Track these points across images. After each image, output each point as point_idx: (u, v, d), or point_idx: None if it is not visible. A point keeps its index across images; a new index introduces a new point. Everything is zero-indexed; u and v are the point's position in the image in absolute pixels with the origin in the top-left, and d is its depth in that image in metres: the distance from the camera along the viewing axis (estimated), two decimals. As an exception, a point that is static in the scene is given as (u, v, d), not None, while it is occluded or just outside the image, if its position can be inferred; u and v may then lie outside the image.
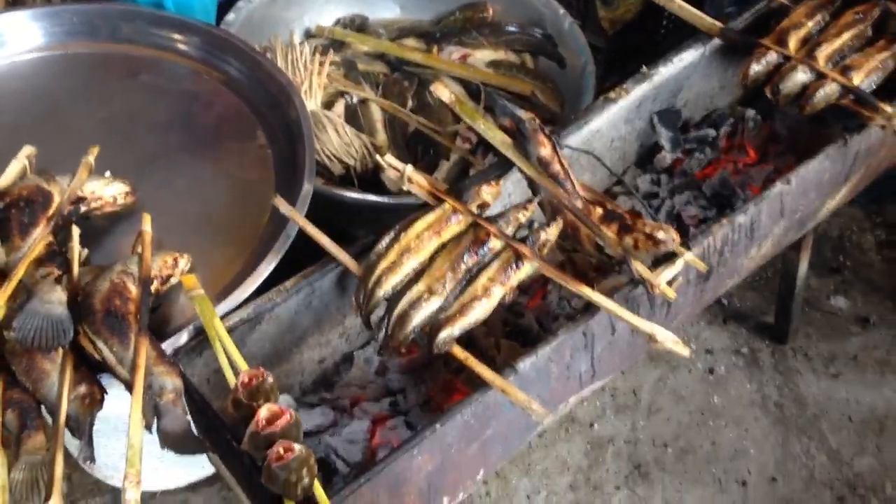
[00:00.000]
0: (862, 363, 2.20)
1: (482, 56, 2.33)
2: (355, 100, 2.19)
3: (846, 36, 1.68)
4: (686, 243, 1.44)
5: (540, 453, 2.05)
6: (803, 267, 2.04)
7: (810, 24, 1.72)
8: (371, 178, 2.05)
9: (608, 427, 2.09)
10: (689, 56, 1.77)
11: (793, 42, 1.70)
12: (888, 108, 1.56)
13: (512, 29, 2.33)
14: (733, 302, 2.31)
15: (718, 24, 1.78)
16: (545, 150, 1.49)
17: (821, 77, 1.63)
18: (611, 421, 2.10)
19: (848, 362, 2.20)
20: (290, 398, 1.55)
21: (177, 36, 1.79)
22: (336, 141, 2.06)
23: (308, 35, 2.37)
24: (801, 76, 1.64)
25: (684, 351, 1.31)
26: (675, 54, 1.76)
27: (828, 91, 1.61)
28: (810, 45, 1.69)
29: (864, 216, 2.47)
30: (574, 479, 2.02)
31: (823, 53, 1.65)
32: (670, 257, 1.40)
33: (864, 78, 1.63)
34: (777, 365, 2.20)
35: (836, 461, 2.03)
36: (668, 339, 1.31)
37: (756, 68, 1.68)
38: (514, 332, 1.67)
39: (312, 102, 2.08)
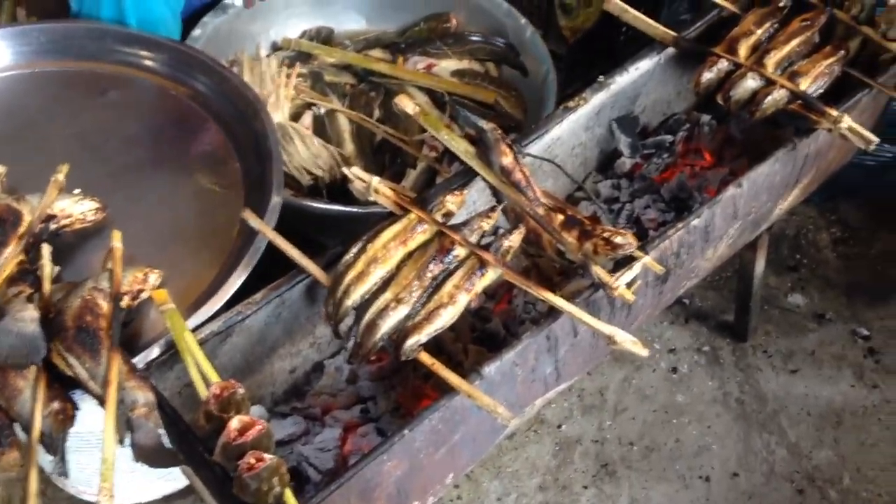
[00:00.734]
0: (819, 358, 2.27)
1: (447, 65, 2.38)
2: (323, 111, 2.22)
3: (794, 43, 1.74)
4: (644, 247, 1.49)
5: (510, 455, 2.10)
6: (760, 266, 2.10)
7: (759, 31, 1.78)
8: (340, 188, 2.08)
9: (576, 427, 2.14)
10: (644, 65, 1.83)
11: (743, 50, 1.76)
12: (834, 112, 1.63)
13: (475, 39, 2.38)
14: (695, 302, 2.37)
15: (672, 33, 1.83)
16: (507, 159, 1.53)
17: (770, 83, 1.69)
18: (578, 421, 2.15)
19: (806, 358, 2.27)
20: (262, 409, 1.57)
21: (143, 53, 1.81)
22: (304, 152, 2.09)
23: (275, 48, 2.40)
24: (750, 83, 1.70)
25: (643, 351, 1.36)
26: (630, 63, 1.81)
27: (776, 97, 1.68)
28: (760, 52, 1.75)
29: (819, 215, 2.55)
30: (543, 479, 2.06)
31: (772, 60, 1.72)
32: (629, 261, 1.45)
33: (811, 83, 1.69)
34: (738, 362, 2.26)
35: (796, 454, 2.10)
36: (626, 340, 1.35)
37: (708, 76, 1.74)
38: (482, 337, 1.71)
39: (280, 115, 2.12)
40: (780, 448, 2.11)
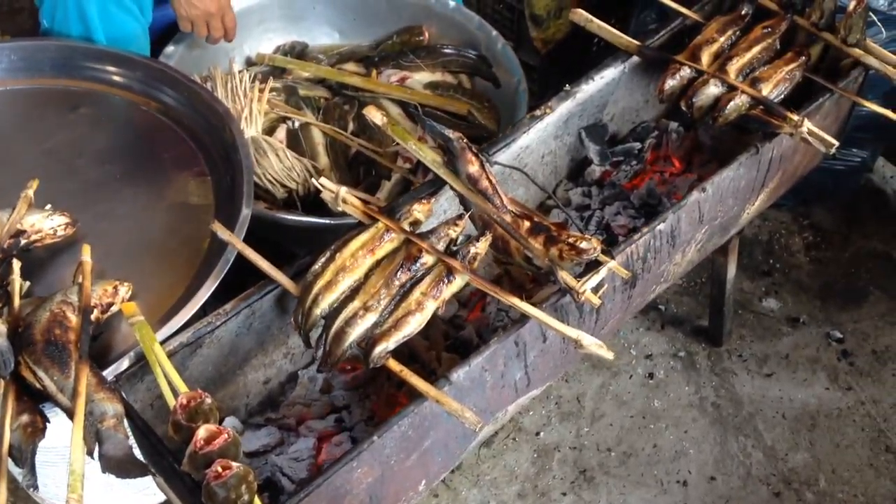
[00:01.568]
0: (794, 362, 2.29)
1: (420, 78, 2.41)
2: (297, 125, 2.24)
3: (755, 49, 1.78)
4: (610, 251, 1.51)
5: (488, 463, 2.10)
6: (731, 270, 2.13)
7: (722, 39, 1.81)
8: (314, 200, 2.09)
9: (554, 434, 2.15)
10: (609, 73, 1.85)
11: (705, 57, 1.79)
12: (794, 117, 1.65)
13: (448, 51, 2.41)
14: (670, 307, 2.39)
15: (636, 42, 1.86)
16: (473, 168, 1.55)
17: (732, 89, 1.72)
18: (556, 428, 2.16)
19: (780, 361, 2.29)
20: (235, 420, 1.58)
21: (114, 69, 1.83)
22: (277, 166, 2.11)
23: (249, 63, 2.42)
24: (713, 89, 1.73)
25: (608, 354, 1.38)
26: (596, 72, 1.84)
27: (738, 102, 1.70)
28: (722, 59, 1.78)
29: (791, 219, 2.58)
30: (522, 487, 2.07)
31: (734, 67, 1.75)
32: (596, 265, 1.47)
33: (772, 89, 1.72)
34: (713, 367, 2.28)
35: (772, 458, 2.12)
36: (592, 344, 1.37)
37: (671, 83, 1.76)
38: (456, 345, 1.72)
39: (253, 129, 2.13)
40: (756, 451, 2.13)
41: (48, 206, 1.56)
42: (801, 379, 2.25)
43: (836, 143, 1.64)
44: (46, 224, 1.52)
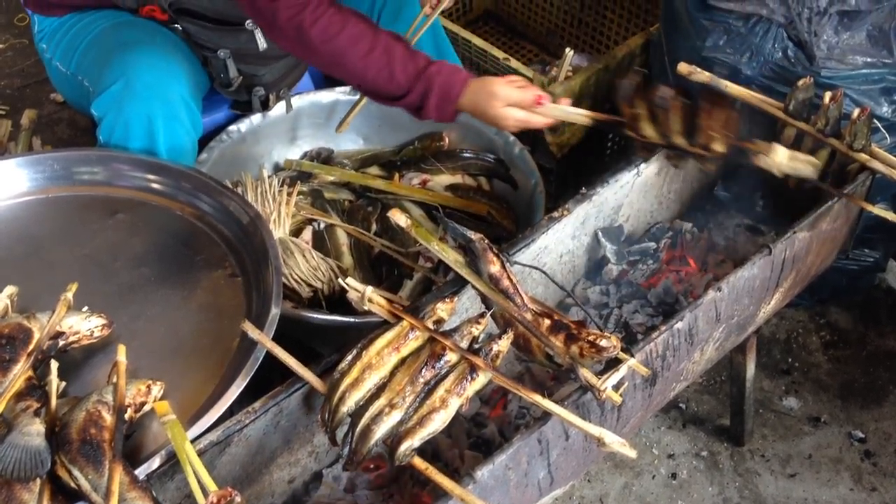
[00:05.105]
0: (816, 462, 2.27)
1: (440, 181, 2.50)
2: (322, 226, 2.32)
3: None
4: (630, 349, 1.54)
5: (511, 565, 2.07)
6: (751, 369, 2.14)
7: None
8: (338, 299, 2.15)
9: (577, 535, 2.13)
10: (624, 177, 1.93)
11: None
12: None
13: (467, 155, 2.50)
14: (691, 406, 2.39)
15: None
16: (494, 268, 1.60)
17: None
18: (579, 529, 2.14)
19: (803, 461, 2.27)
20: (261, 519, 1.59)
21: (151, 176, 1.92)
22: (304, 266, 2.17)
23: (277, 168, 2.52)
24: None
25: (631, 452, 1.39)
26: (611, 176, 1.92)
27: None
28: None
29: (808, 318, 2.60)
30: (546, 589, 2.03)
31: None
32: (616, 363, 1.50)
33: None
34: (736, 467, 2.27)
35: (800, 559, 2.08)
36: (615, 442, 1.38)
37: None
38: (478, 443, 1.74)
39: (281, 230, 2.21)
40: (783, 553, 2.09)
41: (85, 308, 1.62)
42: (825, 479, 2.23)
43: (819, 164, 1.74)
44: (84, 325, 1.57)
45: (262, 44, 2.19)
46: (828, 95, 1.88)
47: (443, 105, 1.94)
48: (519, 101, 1.92)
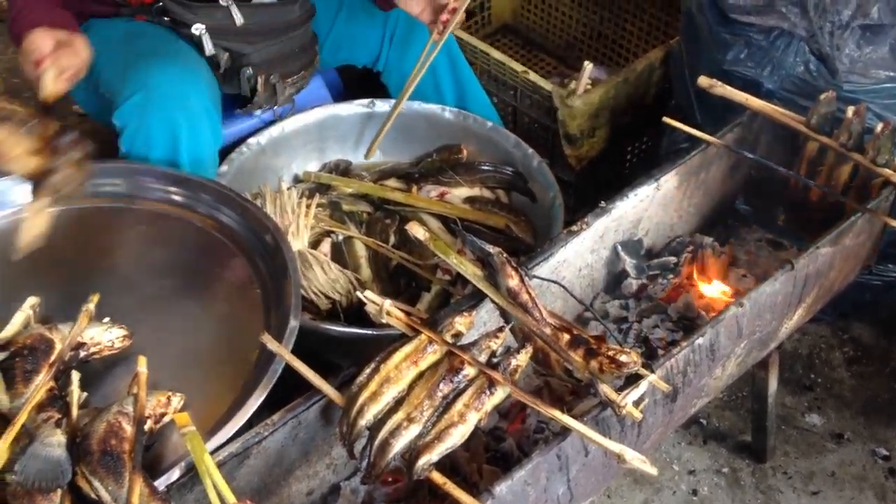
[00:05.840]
0: (840, 479, 2.24)
1: (459, 193, 2.49)
2: (341, 238, 2.33)
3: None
4: (650, 365, 1.53)
5: (529, 581, 2.05)
6: (772, 385, 2.12)
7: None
8: (356, 311, 2.15)
9: (596, 552, 2.11)
10: (643, 191, 1.92)
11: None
12: None
13: (485, 168, 2.50)
14: (712, 422, 2.37)
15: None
16: (513, 282, 1.60)
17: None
18: (598, 545, 2.12)
19: (826, 479, 2.24)
20: (279, 532, 1.59)
21: (173, 188, 1.93)
22: (322, 278, 2.18)
23: (296, 180, 2.53)
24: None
25: (652, 470, 1.38)
26: (630, 189, 1.91)
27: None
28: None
29: (831, 333, 2.57)
30: None
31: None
32: (636, 379, 1.49)
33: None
34: (758, 484, 2.24)
35: (822, 579, 2.05)
36: (635, 459, 1.37)
37: None
38: (497, 457, 1.73)
39: (299, 242, 2.22)
40: (805, 573, 2.06)
41: (106, 319, 1.63)
42: (849, 497, 2.20)
43: None
44: (105, 337, 1.58)
45: (238, 18, 2.20)
46: (850, 110, 1.86)
47: None
48: None
